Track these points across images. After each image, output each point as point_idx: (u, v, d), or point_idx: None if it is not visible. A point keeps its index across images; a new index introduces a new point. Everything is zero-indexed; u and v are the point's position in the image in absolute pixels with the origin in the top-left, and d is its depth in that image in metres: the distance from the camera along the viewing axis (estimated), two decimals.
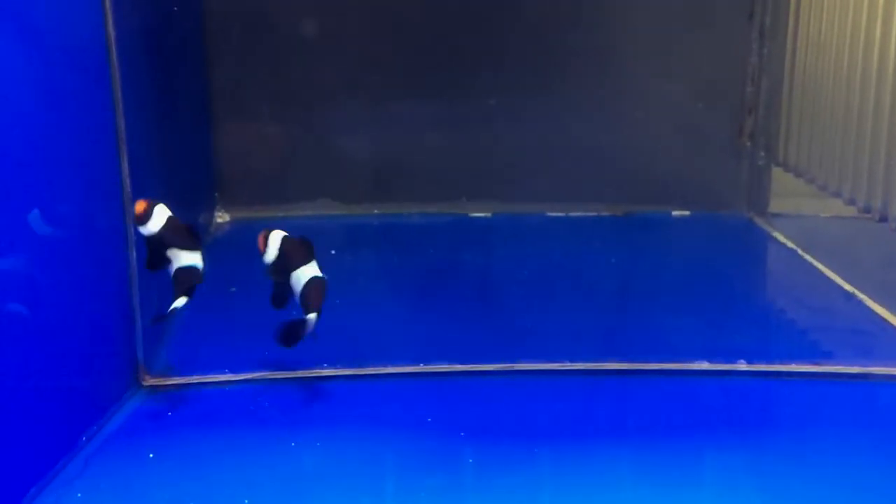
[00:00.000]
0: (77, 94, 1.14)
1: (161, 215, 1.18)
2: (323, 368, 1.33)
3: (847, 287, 1.66)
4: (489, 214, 2.15)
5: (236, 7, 2.03)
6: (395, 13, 2.07)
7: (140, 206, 1.18)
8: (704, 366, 1.33)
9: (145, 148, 1.38)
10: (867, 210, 1.62)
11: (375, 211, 2.16)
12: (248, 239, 1.99)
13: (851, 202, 1.69)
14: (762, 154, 2.10)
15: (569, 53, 2.09)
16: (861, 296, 1.61)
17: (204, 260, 1.23)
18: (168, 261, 1.20)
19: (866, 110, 1.66)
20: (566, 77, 2.11)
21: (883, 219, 1.57)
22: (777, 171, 2.09)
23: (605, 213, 2.15)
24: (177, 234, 1.20)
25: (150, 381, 1.29)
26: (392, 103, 2.10)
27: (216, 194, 2.12)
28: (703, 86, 2.12)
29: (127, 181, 1.27)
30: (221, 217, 2.10)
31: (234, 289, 1.65)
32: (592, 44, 2.09)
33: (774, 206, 2.13)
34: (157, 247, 1.19)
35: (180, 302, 1.19)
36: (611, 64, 2.11)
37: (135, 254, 1.28)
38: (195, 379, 1.30)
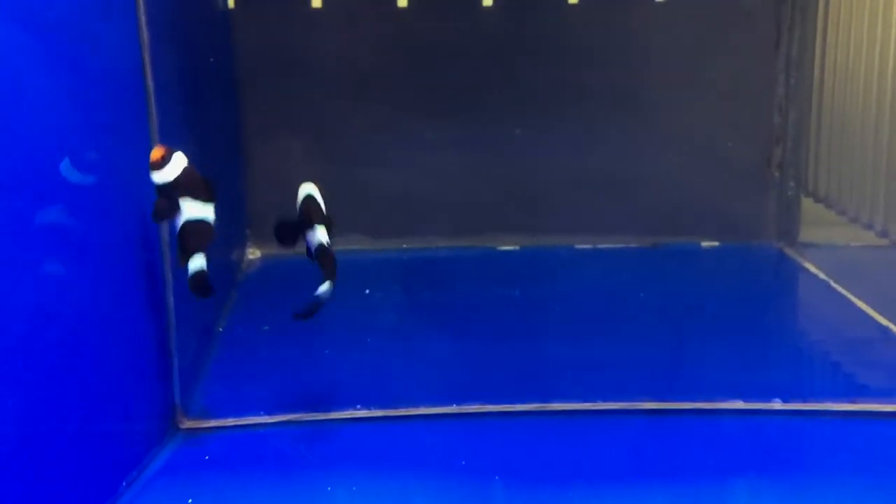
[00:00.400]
0: (115, 128, 1.17)
1: (178, 163, 1.13)
2: (357, 409, 1.34)
3: (881, 320, 1.64)
4: (517, 247, 2.16)
5: (269, 45, 2.07)
6: (422, 50, 2.10)
7: (157, 152, 1.12)
8: (739, 405, 1.32)
9: None
10: None
11: (404, 245, 2.17)
12: (279, 276, 2.03)
13: (883, 234, 1.68)
14: (791, 184, 2.09)
15: (596, 84, 2.10)
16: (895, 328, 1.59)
17: (217, 217, 1.18)
18: (177, 211, 1.13)
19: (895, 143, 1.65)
20: (593, 108, 2.12)
21: None
22: (807, 200, 2.09)
23: (633, 245, 2.15)
24: (191, 184, 1.13)
25: (187, 425, 1.30)
26: (419, 138, 2.12)
27: (247, 231, 2.14)
28: (730, 116, 2.12)
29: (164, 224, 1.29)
30: (253, 254, 2.13)
31: (266, 327, 1.67)
32: (620, 75, 2.10)
33: (805, 235, 2.12)
34: (170, 195, 1.12)
35: (196, 262, 1.12)
36: (638, 94, 2.11)
37: (172, 298, 1.31)
38: (231, 422, 1.31)
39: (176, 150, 1.14)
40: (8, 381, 0.93)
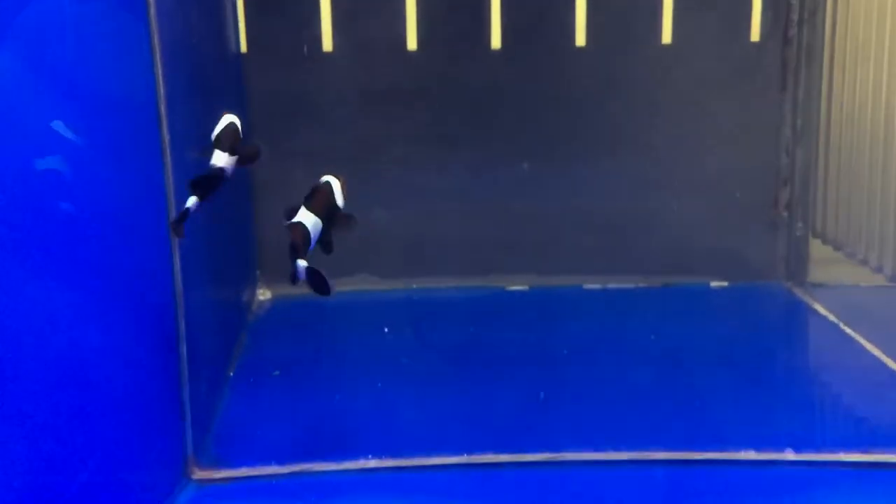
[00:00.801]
0: (128, 183, 1.18)
1: (224, 121, 1.21)
2: (368, 460, 1.34)
3: (892, 365, 1.64)
4: (526, 287, 2.16)
5: (280, 88, 2.09)
6: (432, 92, 2.12)
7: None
8: (751, 455, 1.32)
9: (194, 230, 1.41)
10: None
11: (414, 285, 2.18)
12: (290, 317, 2.04)
13: (893, 279, 1.68)
14: (800, 225, 2.10)
15: (604, 125, 2.12)
16: None
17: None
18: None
19: None
20: (601, 148, 2.13)
21: None
22: (816, 240, 2.09)
23: (643, 285, 2.15)
24: (225, 138, 1.21)
25: (199, 475, 1.31)
26: (428, 179, 2.13)
27: (258, 272, 2.15)
28: (738, 157, 2.13)
29: (177, 264, 1.31)
30: (263, 294, 2.14)
31: (277, 372, 1.68)
32: (628, 115, 2.12)
33: (814, 274, 2.12)
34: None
35: (191, 201, 1.17)
36: (646, 135, 2.13)
37: (185, 347, 1.31)
38: (243, 472, 1.31)
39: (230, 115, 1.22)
40: (18, 431, 0.94)
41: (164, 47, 1.26)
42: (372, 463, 1.34)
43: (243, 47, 2.04)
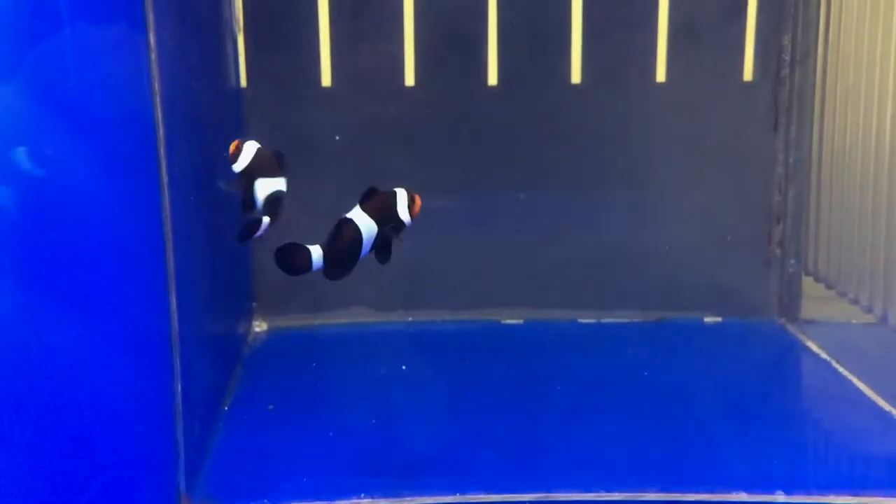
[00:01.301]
0: (129, 207, 1.20)
1: (250, 150, 1.24)
2: (361, 499, 1.35)
3: (883, 405, 1.65)
4: (521, 321, 2.17)
5: (279, 122, 2.11)
6: (429, 127, 2.14)
7: (231, 146, 1.24)
8: (742, 496, 1.33)
9: (188, 259, 1.43)
10: None
11: (409, 318, 2.19)
12: (286, 349, 2.05)
13: (883, 320, 1.69)
14: (792, 261, 2.12)
15: (599, 161, 2.14)
16: None
17: (288, 186, 1.26)
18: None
19: (893, 225, 1.68)
20: (596, 184, 2.15)
21: None
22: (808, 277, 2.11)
23: (637, 320, 2.16)
24: (262, 165, 1.23)
25: None
26: (424, 213, 2.15)
27: (254, 304, 2.17)
28: (731, 194, 2.15)
29: (174, 303, 1.32)
30: (259, 326, 2.15)
31: (271, 407, 1.68)
32: (622, 152, 2.14)
33: (807, 310, 2.13)
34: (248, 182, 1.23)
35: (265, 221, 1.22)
36: (641, 171, 2.15)
37: (180, 385, 1.32)
38: None
39: (248, 142, 1.25)
40: (8, 467, 0.95)
41: (163, 85, 1.27)
42: (364, 501, 1.34)
43: (243, 82, 2.06)
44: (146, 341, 1.25)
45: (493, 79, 2.10)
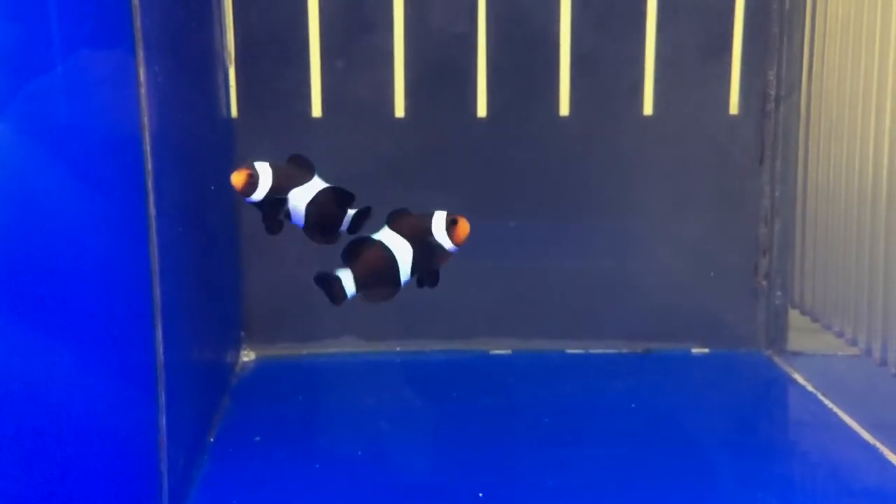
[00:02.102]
0: (116, 238, 1.20)
1: (266, 175, 1.13)
2: None
3: (869, 439, 1.66)
4: (509, 352, 2.18)
5: (269, 152, 2.11)
6: (418, 158, 2.16)
7: (241, 177, 1.13)
8: None
9: (175, 286, 1.43)
10: (883, 362, 1.64)
11: (398, 348, 2.19)
12: (274, 379, 2.05)
13: (868, 353, 1.71)
14: (779, 294, 2.13)
15: (587, 193, 2.16)
16: (883, 449, 1.61)
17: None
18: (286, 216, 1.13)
19: (877, 262, 1.69)
20: (585, 216, 2.17)
21: None
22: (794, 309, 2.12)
23: (625, 351, 2.17)
24: (288, 179, 1.14)
25: None
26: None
27: (242, 333, 2.17)
28: (718, 226, 2.17)
29: (160, 334, 1.32)
30: (247, 355, 2.14)
31: (258, 438, 1.68)
32: (610, 185, 2.16)
33: (794, 341, 2.14)
34: (274, 208, 1.12)
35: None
36: (628, 204, 2.17)
37: (164, 419, 1.32)
38: None
39: (256, 164, 1.16)
40: None
41: (152, 116, 1.29)
42: None
43: (234, 112, 2.08)
44: (131, 373, 1.25)
45: (482, 110, 2.12)
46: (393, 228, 1.17)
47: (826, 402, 1.85)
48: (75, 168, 1.10)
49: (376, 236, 1.15)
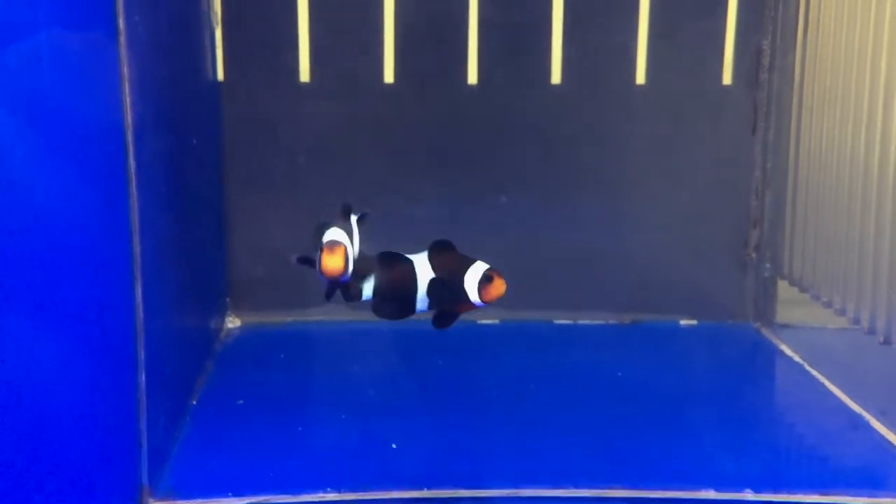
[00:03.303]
0: (95, 192, 1.18)
1: (349, 251, 1.11)
2: (327, 492, 1.33)
3: (854, 407, 1.65)
4: (497, 321, 2.16)
5: (256, 117, 2.10)
6: (408, 125, 2.13)
7: (337, 262, 1.09)
8: (711, 494, 1.32)
9: (156, 251, 1.41)
10: (871, 331, 1.63)
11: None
12: (258, 346, 2.03)
13: (856, 321, 1.70)
14: (768, 266, 2.12)
15: (578, 163, 2.14)
16: (868, 417, 1.60)
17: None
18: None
19: (867, 231, 1.68)
20: (575, 186, 2.15)
21: (887, 341, 1.57)
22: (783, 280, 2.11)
23: (613, 322, 2.16)
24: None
25: None
26: (401, 212, 2.14)
27: (227, 299, 2.14)
28: (709, 198, 2.15)
29: (139, 292, 1.30)
30: (232, 322, 2.12)
31: (241, 402, 1.66)
32: (601, 154, 2.14)
33: (782, 314, 2.13)
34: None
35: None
36: (619, 173, 2.15)
37: (144, 376, 1.30)
38: (198, 503, 1.29)
39: (340, 246, 1.11)
40: None
41: (132, 73, 1.26)
42: (331, 496, 1.33)
43: (220, 75, 2.05)
44: (109, 330, 1.23)
45: (472, 77, 2.10)
46: (431, 258, 1.13)
47: (813, 372, 1.84)
48: (51, 124, 1.07)
49: (412, 257, 1.13)
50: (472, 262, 1.14)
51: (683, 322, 2.16)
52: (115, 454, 1.25)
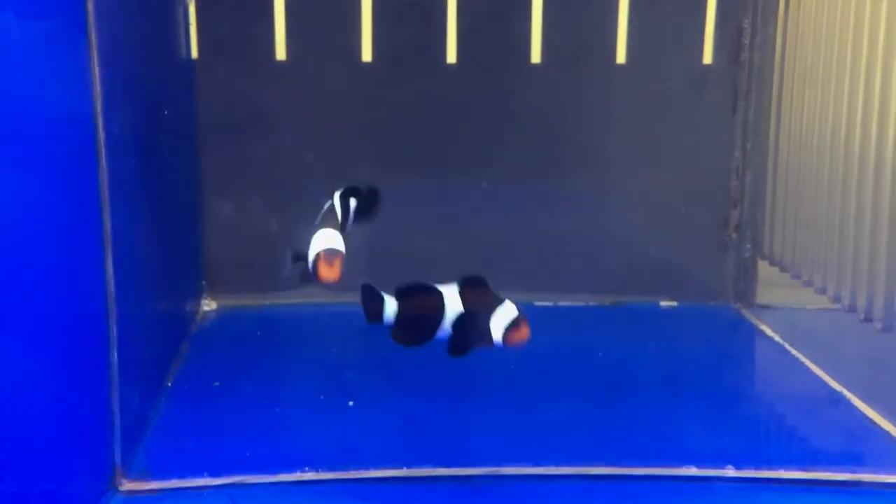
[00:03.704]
0: (64, 170, 1.14)
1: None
2: (305, 472, 1.31)
3: (834, 385, 1.65)
4: None
5: (231, 96, 2.06)
6: (386, 105, 2.10)
7: (331, 275, 1.12)
8: (692, 471, 1.31)
9: (127, 227, 1.37)
10: (852, 309, 1.63)
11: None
12: (234, 328, 2.00)
13: (836, 300, 1.69)
14: (748, 247, 2.12)
15: (557, 143, 2.12)
16: (848, 395, 1.60)
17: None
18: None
19: (848, 210, 1.68)
20: (554, 166, 2.13)
21: (868, 318, 1.57)
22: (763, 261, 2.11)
23: (593, 303, 2.15)
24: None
25: (126, 486, 1.26)
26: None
27: (203, 282, 2.11)
28: (689, 178, 2.15)
29: (110, 269, 1.26)
30: (208, 305, 2.09)
31: (217, 383, 1.63)
32: (581, 134, 2.12)
33: (762, 295, 2.13)
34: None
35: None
36: (599, 154, 2.14)
37: (116, 354, 1.27)
38: (173, 483, 1.27)
39: (338, 257, 1.14)
40: None
41: (101, 44, 1.22)
42: (309, 475, 1.30)
43: (195, 52, 2.01)
44: (79, 306, 1.20)
45: (451, 56, 2.07)
46: (461, 292, 1.15)
47: (793, 351, 1.84)
48: (21, 94, 1.04)
49: (441, 288, 1.15)
50: (502, 301, 1.17)
51: (664, 303, 2.15)
52: (88, 434, 1.22)
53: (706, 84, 2.11)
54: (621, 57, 2.08)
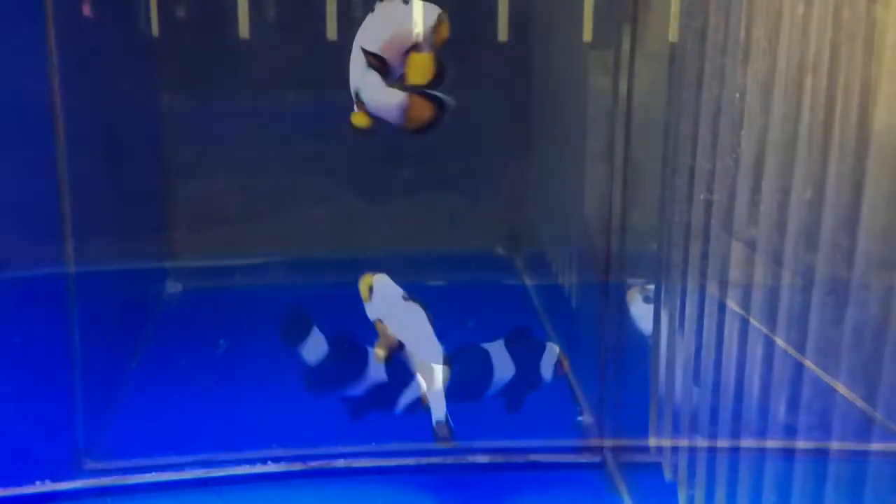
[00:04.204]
0: (18, 150, 1.13)
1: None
2: (273, 449, 1.31)
3: (794, 354, 1.67)
4: (444, 283, 2.15)
5: (193, 75, 2.04)
6: (345, 71, 2.08)
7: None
8: None
9: (92, 215, 1.36)
10: None
11: (335, 279, 2.14)
12: (199, 310, 1.98)
13: None
14: None
15: (524, 125, 2.13)
16: (809, 364, 1.62)
17: None
18: None
19: None
20: (528, 146, 2.14)
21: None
22: None
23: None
24: None
25: (91, 466, 1.25)
26: (341, 174, 2.11)
27: (168, 265, 2.09)
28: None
29: (70, 250, 1.25)
30: (173, 287, 2.07)
31: (182, 364, 1.62)
32: (550, 115, 2.13)
33: None
34: None
35: None
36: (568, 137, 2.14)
37: (78, 335, 1.26)
38: (136, 463, 1.26)
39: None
40: None
41: (60, 30, 1.20)
42: (277, 452, 1.30)
43: (154, 30, 1.97)
44: (39, 286, 1.18)
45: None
46: (507, 347, 1.17)
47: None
48: None
49: (486, 346, 1.17)
50: (543, 347, 1.20)
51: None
52: (52, 414, 1.21)
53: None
54: (588, 35, 2.08)
